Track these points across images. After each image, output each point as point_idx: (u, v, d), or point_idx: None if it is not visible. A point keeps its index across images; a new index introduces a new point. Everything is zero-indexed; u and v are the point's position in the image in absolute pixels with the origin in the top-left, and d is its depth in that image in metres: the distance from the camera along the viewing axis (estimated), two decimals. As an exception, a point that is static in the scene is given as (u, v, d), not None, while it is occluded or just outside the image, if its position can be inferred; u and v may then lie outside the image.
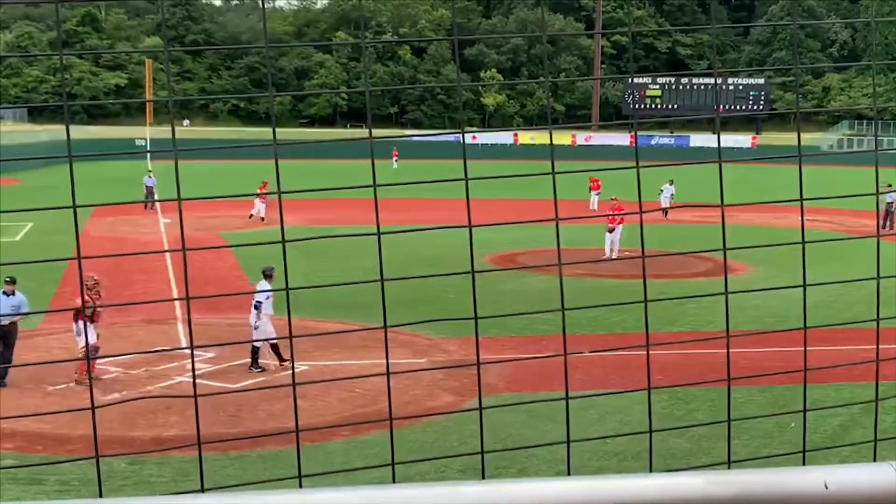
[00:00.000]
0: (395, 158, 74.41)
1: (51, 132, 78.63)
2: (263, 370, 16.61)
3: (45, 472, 11.76)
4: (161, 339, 19.09)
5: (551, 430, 12.98)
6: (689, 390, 14.73)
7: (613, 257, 27.98)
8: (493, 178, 2.04)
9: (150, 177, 46.04)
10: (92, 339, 15.77)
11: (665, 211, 39.57)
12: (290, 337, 1.88)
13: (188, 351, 17.71)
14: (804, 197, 2.25)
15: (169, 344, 18.63)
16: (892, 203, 35.29)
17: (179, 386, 15.84)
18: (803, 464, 2.02)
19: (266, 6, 1.90)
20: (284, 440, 12.49)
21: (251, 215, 39.70)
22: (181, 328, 20.31)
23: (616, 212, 28.13)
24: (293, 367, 2.22)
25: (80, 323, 16.06)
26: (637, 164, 2.11)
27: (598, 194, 42.40)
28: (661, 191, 41.00)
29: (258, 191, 36.29)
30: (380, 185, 1.84)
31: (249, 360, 16.89)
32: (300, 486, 1.68)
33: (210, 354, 17.06)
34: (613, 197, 29.88)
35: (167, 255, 28.20)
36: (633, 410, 14.07)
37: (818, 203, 2.73)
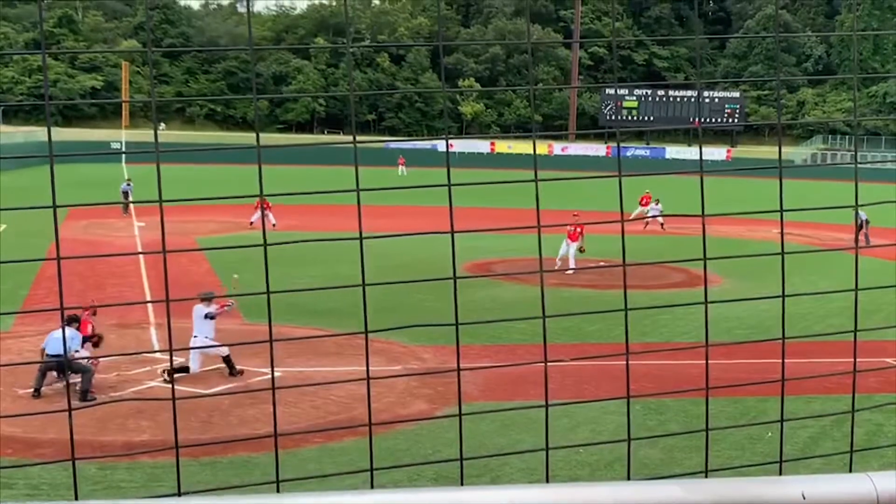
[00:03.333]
0: (402, 165, 74.57)
1: (26, 133, 78.04)
2: (241, 373, 16.57)
3: (15, 476, 11.64)
4: (133, 343, 18.96)
5: (525, 440, 12.98)
6: (661, 401, 14.78)
7: (565, 269, 27.55)
8: (477, 185, 2.05)
9: (128, 184, 45.73)
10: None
11: (646, 223, 39.92)
12: (271, 341, 1.88)
13: (160, 356, 17.59)
14: (784, 209, 2.26)
15: (142, 349, 18.52)
16: (865, 220, 35.57)
17: (151, 391, 15.73)
18: (779, 474, 2.03)
19: (246, 11, 1.89)
20: (255, 446, 12.43)
21: (251, 223, 39.18)
22: (154, 332, 20.18)
23: (577, 226, 27.88)
24: (272, 373, 2.20)
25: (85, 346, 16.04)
26: (619, 173, 2.12)
27: (648, 209, 42.43)
28: (648, 210, 41.45)
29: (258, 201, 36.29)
30: (362, 189, 1.84)
31: (224, 366, 16.85)
32: (277, 491, 1.68)
33: (182, 359, 16.96)
34: (575, 213, 29.05)
35: (141, 259, 28.02)
36: (605, 420, 14.10)
37: (793, 217, 2.74)
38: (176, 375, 16.39)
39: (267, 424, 13.26)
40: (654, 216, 37.78)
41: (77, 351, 15.56)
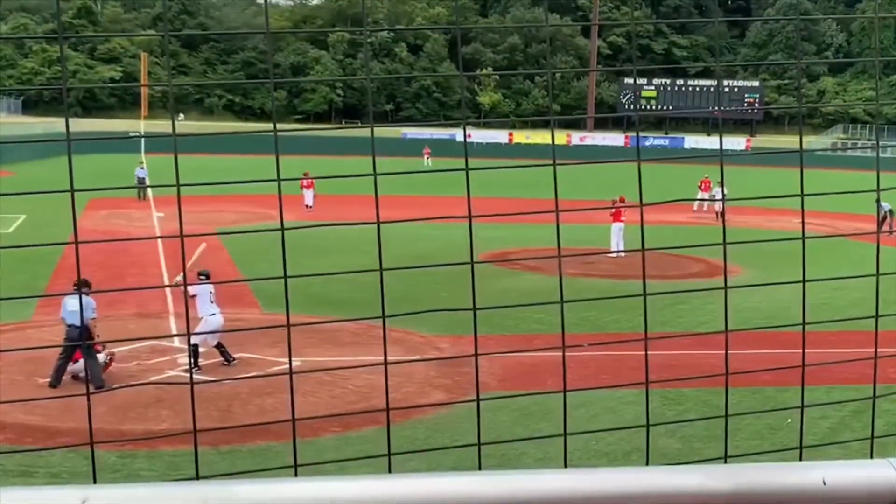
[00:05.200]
0: (427, 156, 74.46)
1: (45, 124, 78.41)
2: (200, 369, 16.41)
3: (36, 465, 11.73)
4: (153, 333, 19.07)
5: (543, 429, 12.98)
6: (680, 391, 14.74)
7: (621, 250, 28.18)
8: (493, 169, 2.04)
9: (141, 168, 46.05)
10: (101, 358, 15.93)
11: (717, 214, 41.48)
12: (288, 326, 1.88)
13: (180, 346, 17.68)
14: (805, 194, 2.24)
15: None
16: (889, 210, 35.35)
17: (171, 380, 15.82)
18: (800, 460, 2.02)
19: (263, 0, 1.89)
20: (274, 435, 12.48)
21: (308, 206, 41.02)
22: (173, 322, 20.27)
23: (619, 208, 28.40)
24: (290, 359, 2.20)
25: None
26: (638, 158, 2.11)
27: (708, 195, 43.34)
28: (714, 195, 41.86)
29: (302, 181, 38.69)
30: (380, 174, 1.84)
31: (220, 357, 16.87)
32: (295, 475, 1.68)
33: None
34: (621, 197, 29.82)
35: (160, 249, 28.15)
36: (624, 411, 14.08)
37: (812, 206, 2.72)
38: (201, 363, 16.47)
39: (286, 414, 13.30)
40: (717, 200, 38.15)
41: (94, 318, 15.62)
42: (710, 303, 20.91)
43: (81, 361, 15.48)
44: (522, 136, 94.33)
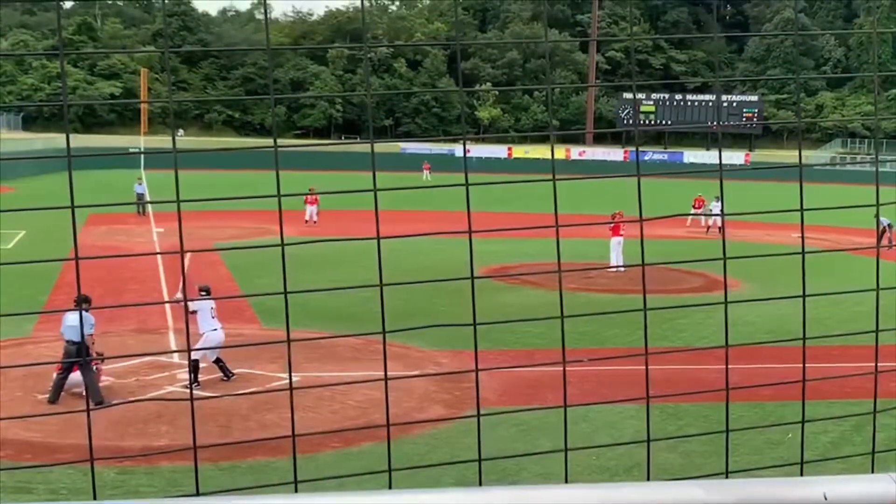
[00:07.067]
0: (426, 171, 74.46)
1: (45, 140, 78.55)
2: (200, 385, 16.31)
3: (35, 481, 11.69)
4: (152, 348, 19.04)
5: (543, 444, 12.94)
6: (680, 406, 14.71)
7: (621, 265, 28.03)
8: (493, 185, 2.04)
9: (140, 184, 46.12)
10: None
11: (708, 228, 42.26)
12: (288, 341, 1.88)
13: (179, 361, 17.65)
14: (804, 208, 2.24)
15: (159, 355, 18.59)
16: (888, 224, 35.37)
17: (170, 396, 15.77)
18: (801, 475, 2.01)
19: (263, 15, 1.90)
20: (274, 451, 12.44)
21: (306, 221, 41.14)
22: (173, 337, 20.24)
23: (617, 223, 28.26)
24: (290, 374, 2.22)
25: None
26: (638, 172, 2.11)
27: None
28: (710, 209, 41.91)
29: (307, 196, 39.13)
30: (380, 190, 1.84)
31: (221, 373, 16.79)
32: (295, 492, 1.68)
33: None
34: (619, 211, 29.79)
35: (160, 264, 28.13)
36: (624, 426, 14.04)
37: (812, 220, 2.73)
38: (200, 378, 16.41)
39: (286, 429, 13.25)
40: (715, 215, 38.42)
41: (91, 334, 15.55)
42: (710, 317, 20.89)
43: (77, 374, 15.42)
44: (521, 151, 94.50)
